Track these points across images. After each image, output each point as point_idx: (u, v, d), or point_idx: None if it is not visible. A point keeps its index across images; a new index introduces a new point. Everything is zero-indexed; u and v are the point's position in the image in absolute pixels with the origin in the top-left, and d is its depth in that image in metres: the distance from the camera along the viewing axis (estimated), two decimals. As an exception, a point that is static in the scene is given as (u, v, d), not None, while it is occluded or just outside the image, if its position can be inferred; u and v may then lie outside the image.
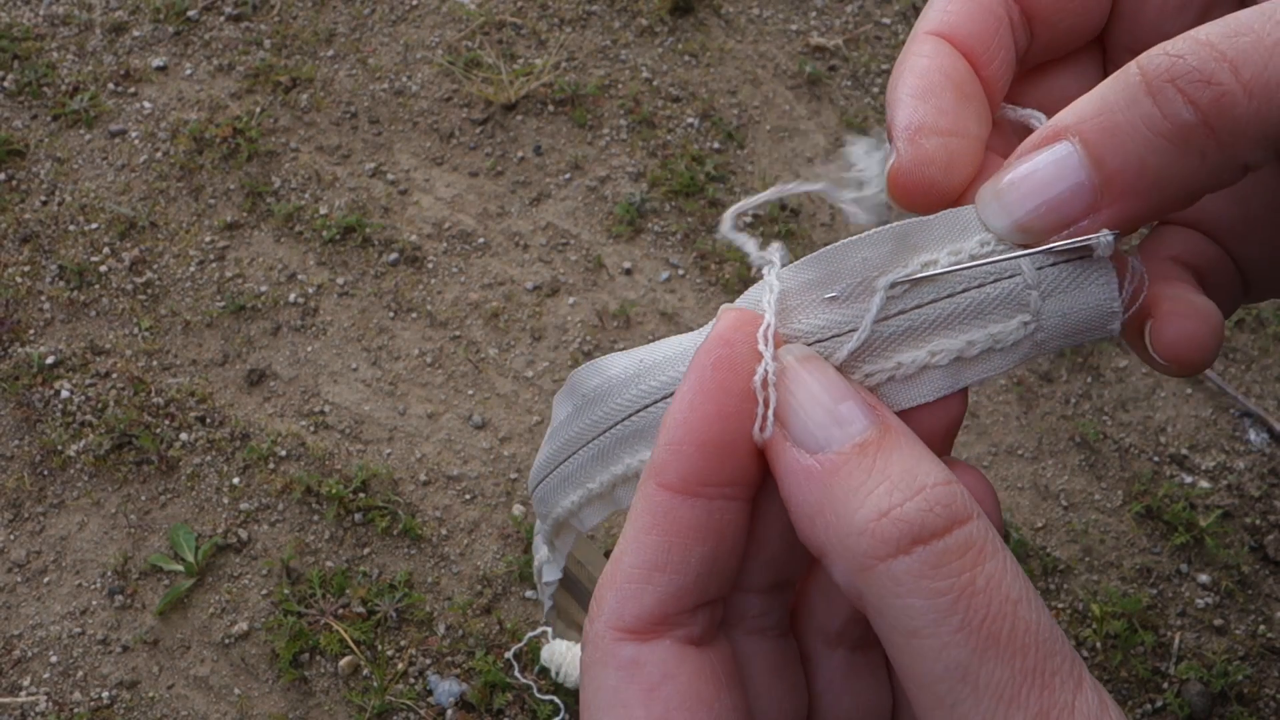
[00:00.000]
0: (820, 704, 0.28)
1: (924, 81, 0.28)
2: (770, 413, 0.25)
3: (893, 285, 0.27)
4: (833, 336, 0.27)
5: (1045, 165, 0.25)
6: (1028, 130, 0.30)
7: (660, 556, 0.24)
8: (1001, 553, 0.23)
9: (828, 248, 0.28)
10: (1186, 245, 0.33)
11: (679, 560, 0.24)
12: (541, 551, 0.39)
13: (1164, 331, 0.29)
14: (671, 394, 0.27)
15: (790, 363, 0.26)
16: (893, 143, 0.27)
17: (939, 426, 0.28)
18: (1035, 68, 0.34)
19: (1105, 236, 0.26)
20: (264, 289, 1.32)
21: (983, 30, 0.29)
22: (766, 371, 0.25)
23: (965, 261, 0.27)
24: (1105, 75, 0.34)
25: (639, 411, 0.29)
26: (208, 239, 1.36)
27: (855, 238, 0.27)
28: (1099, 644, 1.12)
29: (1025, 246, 0.27)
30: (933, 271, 0.27)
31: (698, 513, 0.25)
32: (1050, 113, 0.28)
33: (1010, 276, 0.27)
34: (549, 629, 0.96)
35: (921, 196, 0.27)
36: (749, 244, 0.30)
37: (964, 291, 0.27)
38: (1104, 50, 0.34)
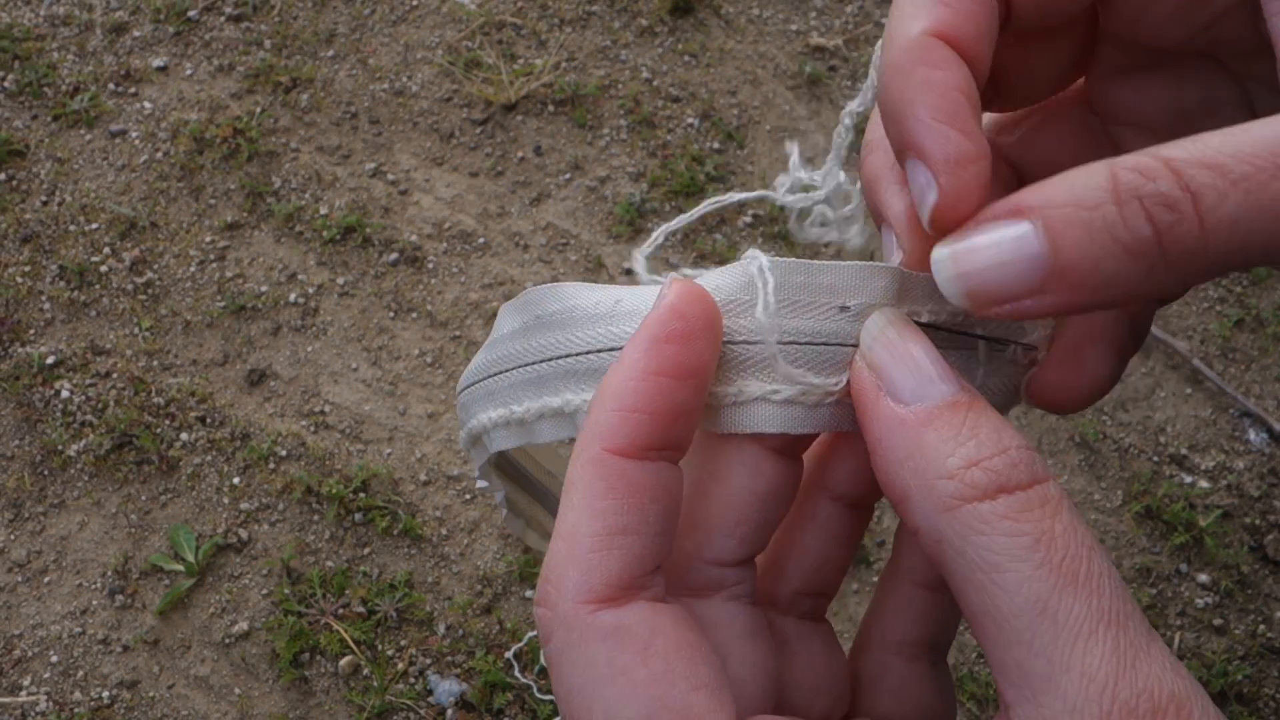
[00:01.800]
0: (786, 666, 0.30)
1: (947, 103, 0.27)
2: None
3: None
4: (835, 345, 0.28)
5: (1006, 240, 0.26)
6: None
7: (620, 520, 0.25)
8: (1075, 512, 0.25)
9: (826, 263, 0.28)
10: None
11: (638, 522, 0.25)
12: (471, 465, 0.39)
13: (1043, 379, 0.32)
14: None
15: (888, 323, 0.27)
16: (927, 170, 0.27)
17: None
18: (1026, 115, 0.36)
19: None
20: (264, 289, 1.32)
21: (978, 30, 0.29)
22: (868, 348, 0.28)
23: (943, 322, 0.29)
24: (1089, 60, 0.35)
25: (601, 352, 0.29)
26: (208, 239, 1.36)
27: (867, 264, 0.28)
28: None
29: (969, 315, 0.28)
30: (919, 321, 0.28)
31: (649, 474, 0.25)
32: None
33: (965, 350, 0.29)
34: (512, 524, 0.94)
35: (957, 226, 0.27)
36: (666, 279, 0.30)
37: None
38: (1088, 34, 0.34)
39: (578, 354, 0.29)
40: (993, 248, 0.26)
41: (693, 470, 0.29)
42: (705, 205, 0.39)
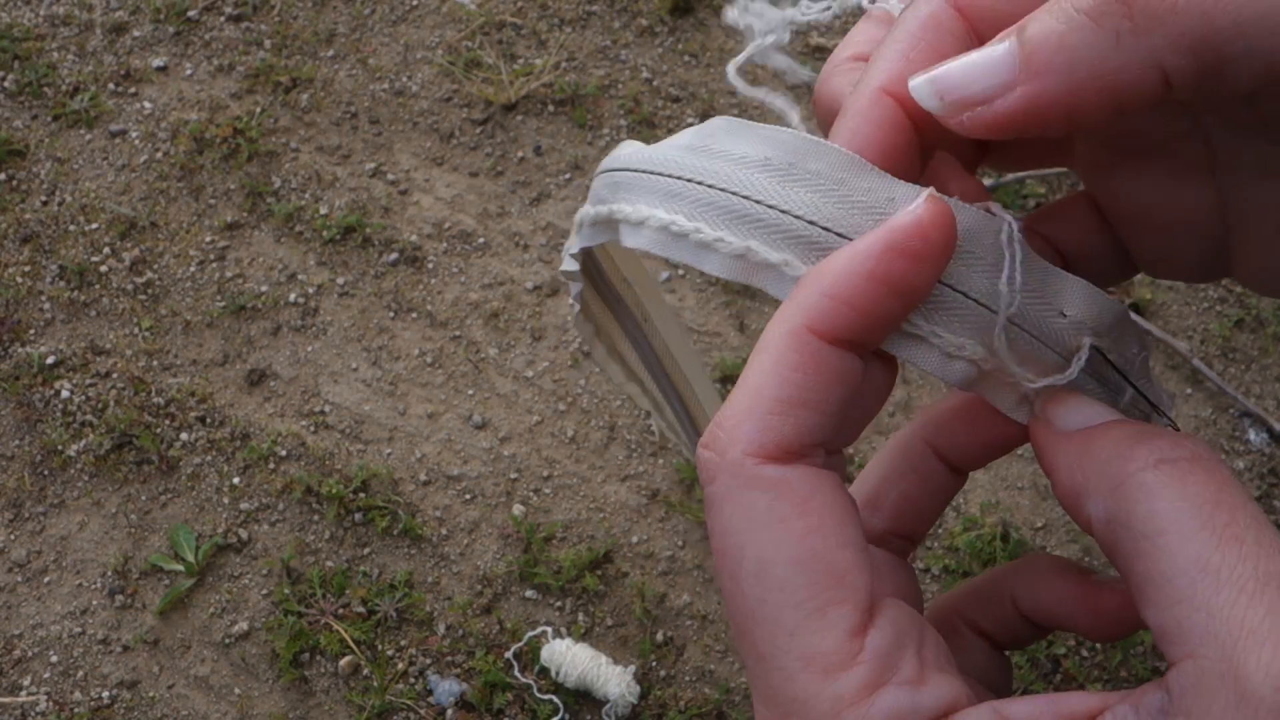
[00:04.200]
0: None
1: (879, 156, 0.29)
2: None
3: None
4: (1046, 345, 0.30)
5: (982, 52, 0.26)
6: None
7: (804, 394, 0.26)
8: (1243, 488, 0.25)
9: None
10: (1069, 228, 0.35)
11: (819, 399, 0.26)
12: (571, 241, 0.37)
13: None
14: (809, 221, 0.28)
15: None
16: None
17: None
18: None
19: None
20: (264, 289, 1.32)
21: None
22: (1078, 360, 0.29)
23: (1117, 363, 0.31)
24: None
25: (783, 214, 0.29)
26: (208, 239, 1.36)
27: (1095, 289, 0.30)
28: (1099, 643, 1.12)
29: (1140, 362, 0.30)
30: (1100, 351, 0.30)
31: (841, 360, 0.27)
32: None
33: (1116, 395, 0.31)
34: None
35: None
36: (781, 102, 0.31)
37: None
38: None
39: (760, 202, 0.29)
40: (969, 59, 0.26)
41: None
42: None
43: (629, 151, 0.33)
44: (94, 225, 1.36)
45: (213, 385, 1.25)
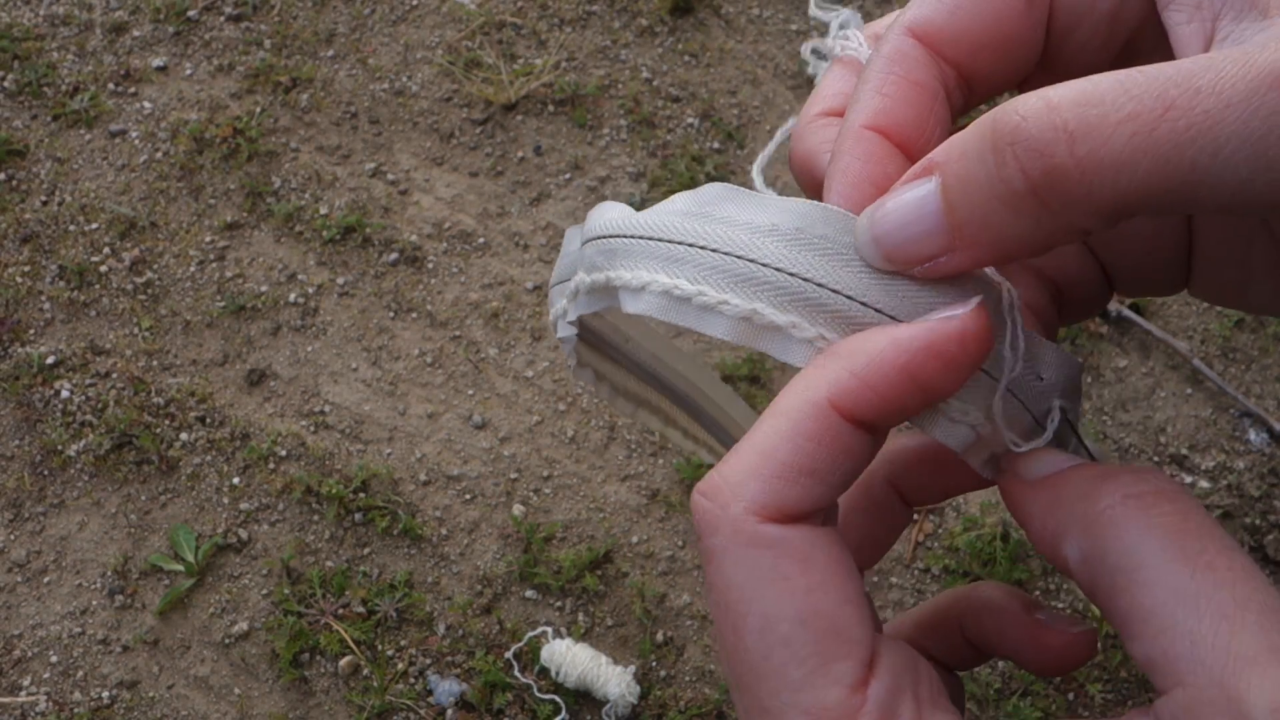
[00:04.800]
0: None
1: (856, 191, 0.30)
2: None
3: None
4: (1027, 409, 0.31)
5: (912, 200, 0.26)
6: None
7: (815, 465, 0.27)
8: (1210, 517, 0.26)
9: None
10: (1057, 259, 0.36)
11: (829, 471, 0.27)
12: (559, 305, 0.36)
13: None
14: (836, 292, 0.29)
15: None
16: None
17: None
18: None
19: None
20: (264, 289, 1.32)
21: (920, 116, 0.30)
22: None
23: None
24: None
25: (787, 273, 0.29)
26: (208, 239, 1.36)
27: (1071, 357, 0.31)
28: (1099, 644, 1.12)
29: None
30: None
31: (855, 439, 0.27)
32: None
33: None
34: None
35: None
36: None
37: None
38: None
39: (767, 265, 0.29)
40: (901, 208, 0.26)
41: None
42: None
43: (616, 215, 0.32)
44: (94, 225, 1.36)
45: (212, 385, 1.25)
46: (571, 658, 1.04)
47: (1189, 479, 1.24)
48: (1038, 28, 0.31)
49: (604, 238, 0.32)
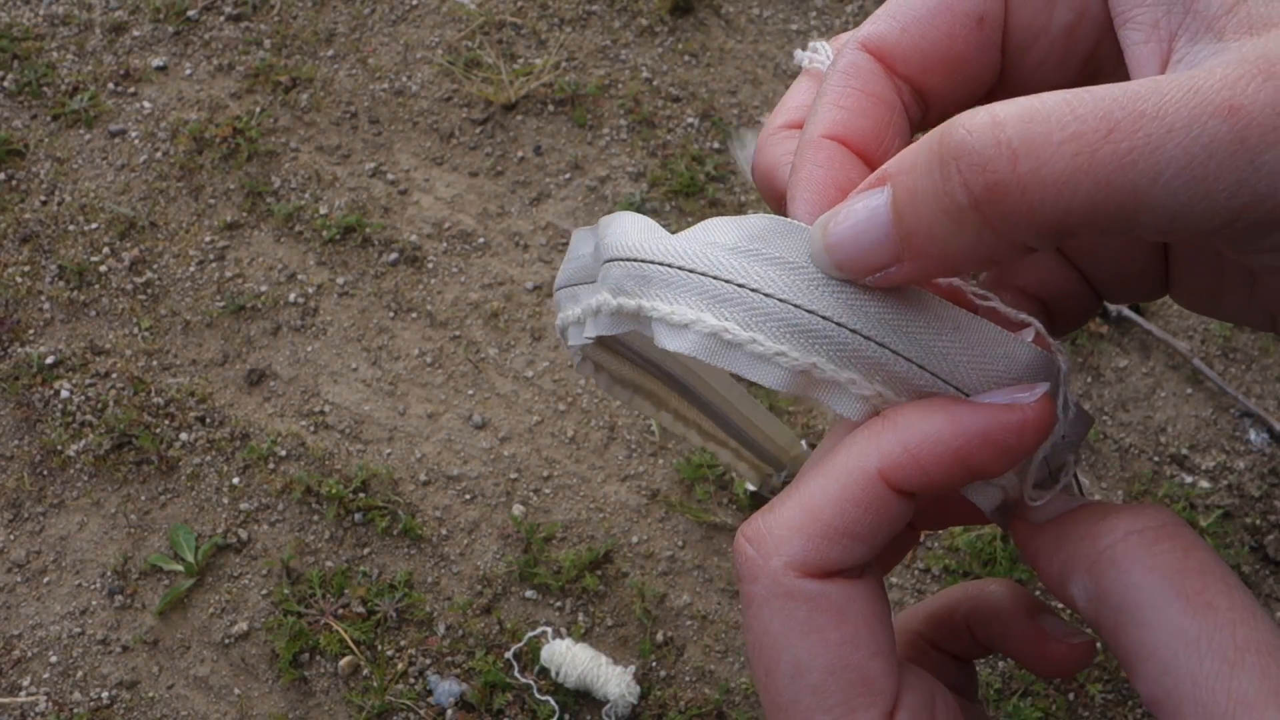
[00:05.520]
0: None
1: (819, 197, 0.30)
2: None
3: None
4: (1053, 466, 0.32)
5: (864, 210, 0.27)
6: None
7: (860, 529, 0.28)
8: (1212, 552, 0.26)
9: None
10: (1039, 274, 0.36)
11: (871, 535, 0.28)
12: (571, 311, 0.35)
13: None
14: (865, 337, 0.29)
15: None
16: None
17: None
18: None
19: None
20: (264, 289, 1.32)
21: (876, 126, 0.31)
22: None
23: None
24: None
25: (833, 324, 0.28)
26: (208, 239, 1.36)
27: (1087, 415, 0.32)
28: (1099, 644, 1.12)
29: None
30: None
31: (899, 508, 0.28)
32: None
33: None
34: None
35: None
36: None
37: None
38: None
39: (828, 319, 0.28)
40: (853, 218, 0.27)
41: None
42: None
43: (645, 235, 0.30)
44: (93, 225, 1.36)
45: (212, 385, 1.25)
46: (571, 658, 1.04)
47: (1189, 479, 1.24)
48: (991, 46, 0.31)
49: (635, 260, 0.30)
